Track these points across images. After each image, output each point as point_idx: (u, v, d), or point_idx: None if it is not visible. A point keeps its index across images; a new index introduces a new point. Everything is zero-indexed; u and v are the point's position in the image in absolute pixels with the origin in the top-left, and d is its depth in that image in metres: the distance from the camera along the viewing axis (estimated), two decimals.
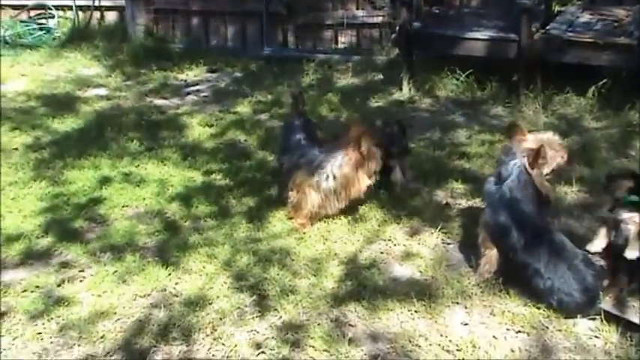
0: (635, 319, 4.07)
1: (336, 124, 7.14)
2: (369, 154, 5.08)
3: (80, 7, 10.95)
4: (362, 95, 8.14)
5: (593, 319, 4.08)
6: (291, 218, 5.31)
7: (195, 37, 10.32)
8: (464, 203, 5.55)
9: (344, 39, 9.92)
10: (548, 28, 7.72)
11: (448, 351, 3.91)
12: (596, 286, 4.16)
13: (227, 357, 3.91)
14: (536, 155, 4.25)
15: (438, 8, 8.99)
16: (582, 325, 4.08)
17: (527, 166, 4.28)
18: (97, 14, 10.98)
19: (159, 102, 8.24)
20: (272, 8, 9.88)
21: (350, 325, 4.14)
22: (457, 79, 8.00)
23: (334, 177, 5.11)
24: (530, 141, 4.44)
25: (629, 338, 3.93)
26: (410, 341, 3.99)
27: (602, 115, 7.16)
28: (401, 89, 8.11)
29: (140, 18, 10.19)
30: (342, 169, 5.09)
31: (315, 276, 4.62)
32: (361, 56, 9.32)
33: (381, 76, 8.72)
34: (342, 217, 5.31)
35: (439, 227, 5.13)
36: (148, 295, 4.47)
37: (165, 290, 4.51)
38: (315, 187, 5.17)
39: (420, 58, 8.55)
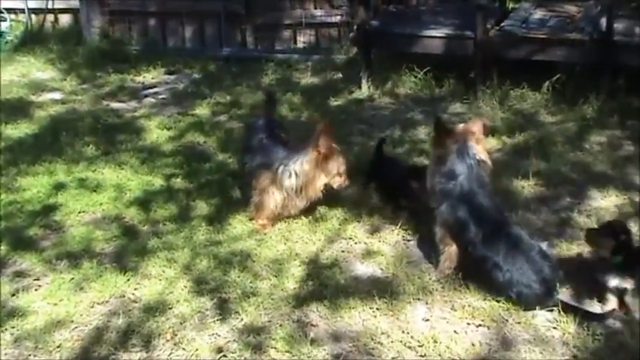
0: (591, 309, 4.13)
1: (297, 124, 7.12)
2: (329, 153, 5.07)
3: (33, 10, 10.79)
4: (321, 94, 8.14)
5: (551, 310, 4.13)
6: (252, 219, 5.28)
7: (152, 39, 10.22)
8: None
9: (303, 38, 9.92)
10: (503, 24, 7.82)
11: (410, 347, 3.93)
12: (553, 278, 4.20)
13: None
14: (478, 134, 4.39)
15: (396, 7, 9.05)
16: (541, 317, 4.13)
17: (478, 155, 4.34)
18: (50, 17, 10.84)
19: (115, 105, 8.15)
20: (230, 8, 9.84)
21: (312, 325, 4.14)
22: (415, 77, 8.04)
23: (296, 175, 5.10)
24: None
25: (586, 328, 3.99)
26: (372, 339, 4.00)
27: (557, 109, 7.26)
28: (360, 88, 8.13)
29: (95, 20, 10.07)
30: (304, 166, 5.07)
31: (276, 277, 4.60)
32: (320, 55, 9.32)
33: (340, 75, 8.73)
34: (302, 218, 5.30)
35: (399, 224, 5.15)
36: (106, 302, 4.41)
37: (123, 296, 4.46)
38: (278, 186, 5.15)
39: (379, 57, 8.58)
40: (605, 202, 5.44)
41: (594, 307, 4.21)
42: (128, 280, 4.61)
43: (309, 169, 5.06)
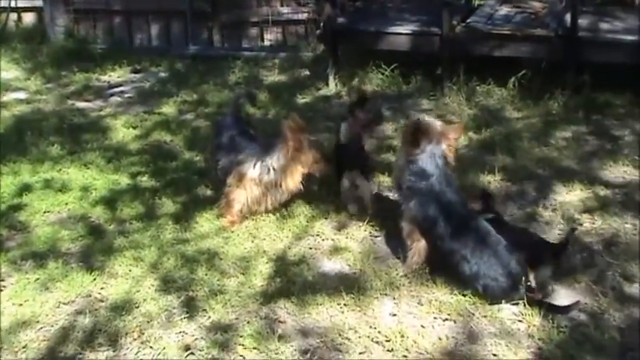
0: (556, 302, 4.18)
1: (264, 121, 7.11)
2: (300, 145, 5.08)
3: None
4: (289, 92, 8.13)
5: (517, 304, 4.17)
6: (220, 216, 5.26)
7: (117, 37, 10.14)
8: (391, 196, 5.59)
9: (270, 36, 9.90)
10: (469, 21, 7.87)
11: (377, 342, 3.95)
12: (519, 271, 4.24)
13: None
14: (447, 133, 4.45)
15: (362, 3, 9.04)
16: (506, 311, 4.17)
17: (445, 152, 4.38)
18: (13, 16, 10.71)
19: (81, 104, 8.08)
20: (196, 6, 9.79)
21: (280, 321, 4.14)
22: (382, 74, 8.06)
23: (274, 170, 5.11)
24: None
25: (551, 320, 4.03)
26: (340, 334, 4.01)
27: (523, 105, 7.32)
28: (327, 85, 8.13)
29: (59, 19, 9.96)
30: (280, 161, 5.08)
31: (243, 275, 4.60)
32: (287, 53, 9.32)
33: (307, 73, 8.73)
34: (270, 215, 5.30)
35: (366, 220, 5.17)
36: (72, 301, 4.38)
37: (90, 296, 4.43)
38: (256, 182, 5.14)
39: (346, 54, 8.59)
40: (570, 197, 5.50)
41: (559, 300, 4.26)
42: (94, 279, 4.58)
43: (285, 163, 5.07)
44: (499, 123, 6.91)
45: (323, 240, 5.01)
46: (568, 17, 7.28)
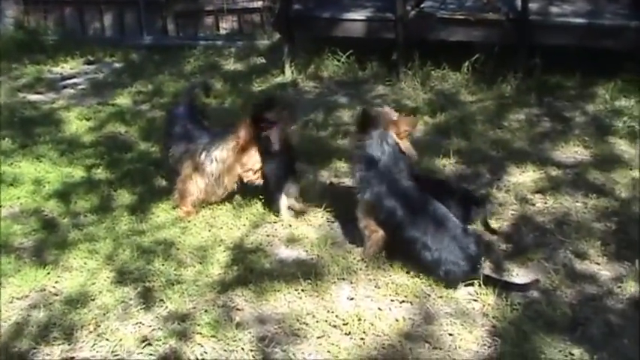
0: (511, 280, 4.26)
1: (219, 110, 7.08)
2: (247, 146, 5.06)
3: None
4: (245, 80, 8.11)
5: (472, 284, 4.22)
6: (176, 207, 5.24)
7: (69, 28, 10.02)
8: (348, 181, 5.61)
9: (225, 25, 9.88)
10: (422, 6, 7.90)
11: (335, 326, 3.97)
12: (478, 252, 4.31)
13: (112, 352, 3.83)
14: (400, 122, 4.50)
15: None
16: (462, 291, 4.22)
17: (396, 139, 4.41)
18: None
19: (33, 97, 7.98)
20: None
21: (237, 309, 4.14)
22: (338, 60, 8.08)
23: (217, 161, 5.09)
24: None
25: (504, 299, 4.09)
26: (298, 320, 4.02)
27: (477, 89, 7.40)
28: (284, 72, 8.12)
29: (9, 10, 9.83)
30: (223, 153, 5.06)
31: (201, 264, 4.58)
32: (243, 41, 9.29)
33: (263, 61, 8.72)
34: (227, 204, 5.29)
35: (324, 206, 5.19)
36: (26, 296, 4.32)
37: (44, 290, 4.38)
38: (201, 172, 5.12)
39: (302, 41, 8.57)
40: (523, 178, 5.58)
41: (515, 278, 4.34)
42: (48, 273, 4.53)
43: (227, 157, 5.05)
44: (454, 107, 6.98)
45: (280, 227, 5.02)
46: (519, 1, 7.35)
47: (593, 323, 3.94)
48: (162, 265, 4.57)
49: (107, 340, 3.92)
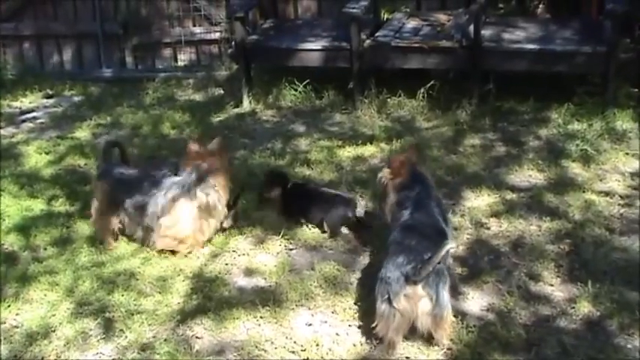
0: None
1: (178, 141, 7.13)
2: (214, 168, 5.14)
3: None
4: (204, 111, 8.15)
5: None
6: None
7: (28, 63, 10.00)
8: None
9: (183, 56, 9.91)
10: (377, 35, 8.02)
11: (293, 352, 4.04)
12: None
13: None
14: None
15: (274, 21, 9.13)
16: None
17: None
18: None
19: None
20: (107, 29, 9.74)
21: (197, 337, 4.20)
22: (295, 90, 8.16)
23: (214, 189, 5.17)
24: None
25: (461, 321, 4.18)
26: (256, 347, 4.09)
27: (433, 115, 7.50)
28: (242, 102, 8.19)
29: None
30: (212, 181, 5.16)
31: (160, 294, 4.63)
32: (202, 73, 9.34)
33: (221, 91, 8.76)
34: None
35: (281, 234, 5.26)
36: None
37: (4, 323, 4.42)
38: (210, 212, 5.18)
39: (259, 71, 8.67)
40: (478, 202, 5.69)
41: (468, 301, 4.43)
42: (9, 306, 4.56)
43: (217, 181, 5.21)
44: (410, 133, 7.08)
45: (239, 256, 5.08)
46: (472, 28, 7.51)
47: (547, 344, 4.04)
48: (123, 295, 4.61)
49: None
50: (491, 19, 8.32)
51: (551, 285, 4.59)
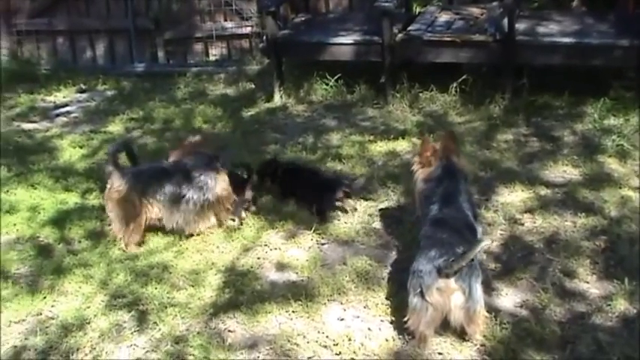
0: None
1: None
2: None
3: None
4: (235, 105, 8.18)
5: None
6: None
7: (62, 58, 10.10)
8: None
9: (215, 51, 9.93)
10: (409, 29, 7.98)
11: (325, 346, 4.03)
12: None
13: None
14: None
15: (305, 16, 9.13)
16: None
17: None
18: None
19: (27, 126, 8.04)
20: (139, 24, 9.80)
21: (229, 331, 4.21)
22: (327, 84, 8.15)
23: None
24: None
25: (494, 318, 4.13)
26: (289, 341, 4.09)
27: (465, 110, 7.45)
28: (273, 97, 8.20)
29: (3, 41, 9.90)
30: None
31: (193, 287, 4.65)
32: (233, 67, 9.36)
33: (253, 86, 8.78)
34: (218, 228, 5.37)
35: (313, 229, 5.26)
36: (23, 320, 4.41)
37: (40, 314, 4.47)
38: None
39: (290, 66, 8.67)
40: (512, 198, 5.64)
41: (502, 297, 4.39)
42: (44, 298, 4.61)
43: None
44: (442, 128, 7.03)
45: (271, 250, 5.08)
46: (506, 22, 7.44)
47: (582, 341, 3.99)
48: (156, 288, 4.63)
49: None
50: (525, 12, 8.26)
51: (587, 282, 4.53)
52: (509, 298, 4.40)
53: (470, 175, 4.72)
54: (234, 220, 5.46)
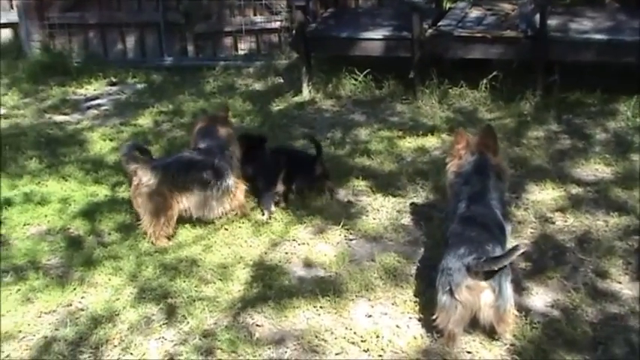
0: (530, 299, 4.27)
1: (238, 129, 7.15)
2: None
3: None
4: (263, 99, 8.18)
5: None
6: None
7: (93, 51, 10.15)
8: (365, 199, 5.68)
9: (244, 45, 9.93)
10: (439, 24, 7.94)
11: (353, 343, 4.03)
12: None
13: None
14: None
15: (334, 10, 9.11)
16: None
17: None
18: None
19: (58, 118, 8.10)
20: (169, 18, 9.83)
21: (257, 325, 4.22)
22: (355, 79, 8.13)
23: None
24: None
25: (524, 317, 4.12)
26: (316, 337, 4.09)
27: (495, 106, 7.41)
28: (301, 91, 8.19)
29: (35, 34, 9.96)
30: None
31: (221, 281, 4.67)
32: (262, 61, 9.37)
33: (281, 80, 8.78)
34: (246, 222, 5.39)
35: (342, 224, 5.25)
36: (54, 311, 4.45)
37: (70, 305, 4.50)
38: None
39: (319, 60, 8.66)
40: (543, 196, 5.60)
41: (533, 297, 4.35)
42: (74, 289, 4.65)
43: None
44: (472, 124, 6.98)
45: (299, 245, 5.09)
46: (537, 18, 7.36)
47: (614, 342, 3.96)
48: (184, 282, 4.66)
49: (131, 354, 4.03)
50: (557, 8, 8.18)
51: (619, 282, 4.48)
52: (539, 297, 4.37)
53: (507, 172, 4.60)
54: (263, 214, 5.46)
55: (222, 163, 5.35)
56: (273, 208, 5.50)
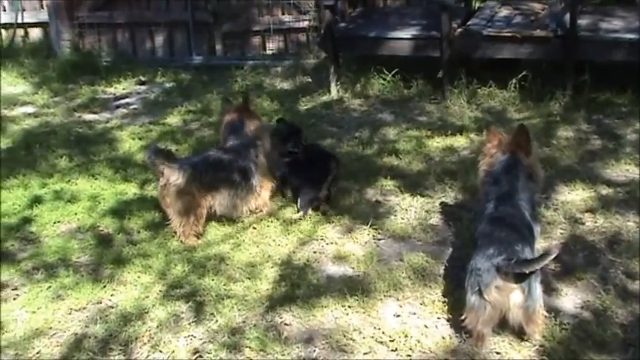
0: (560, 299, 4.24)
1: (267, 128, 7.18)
2: None
3: (3, 25, 10.78)
4: (292, 99, 8.20)
5: None
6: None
7: (122, 50, 10.25)
8: (393, 199, 5.67)
9: (272, 45, 9.98)
10: (468, 24, 7.90)
11: (381, 342, 4.02)
12: None
13: None
14: None
15: (363, 10, 9.11)
16: None
17: None
18: (20, 31, 10.80)
19: (88, 117, 8.17)
20: (198, 17, 9.89)
21: (285, 324, 4.23)
22: (384, 79, 8.12)
23: None
24: None
25: (554, 318, 4.09)
26: (344, 336, 4.09)
27: (524, 106, 7.37)
28: (329, 91, 8.19)
29: (65, 33, 10.06)
30: None
31: (250, 279, 4.68)
32: (290, 61, 9.39)
33: (309, 79, 8.80)
34: (274, 220, 5.40)
35: (370, 224, 5.25)
36: (84, 308, 4.49)
37: (100, 303, 4.54)
38: None
39: (347, 60, 8.66)
40: (572, 196, 5.56)
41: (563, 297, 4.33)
42: (104, 287, 4.69)
43: None
44: (501, 124, 6.91)
45: (327, 244, 5.10)
46: (567, 17, 7.31)
47: None
48: (213, 280, 4.68)
49: (161, 352, 4.06)
50: (587, 8, 8.14)
51: None
52: (569, 298, 4.34)
53: (539, 174, 4.54)
54: (298, 212, 5.50)
55: (247, 162, 5.40)
56: (309, 211, 5.49)
